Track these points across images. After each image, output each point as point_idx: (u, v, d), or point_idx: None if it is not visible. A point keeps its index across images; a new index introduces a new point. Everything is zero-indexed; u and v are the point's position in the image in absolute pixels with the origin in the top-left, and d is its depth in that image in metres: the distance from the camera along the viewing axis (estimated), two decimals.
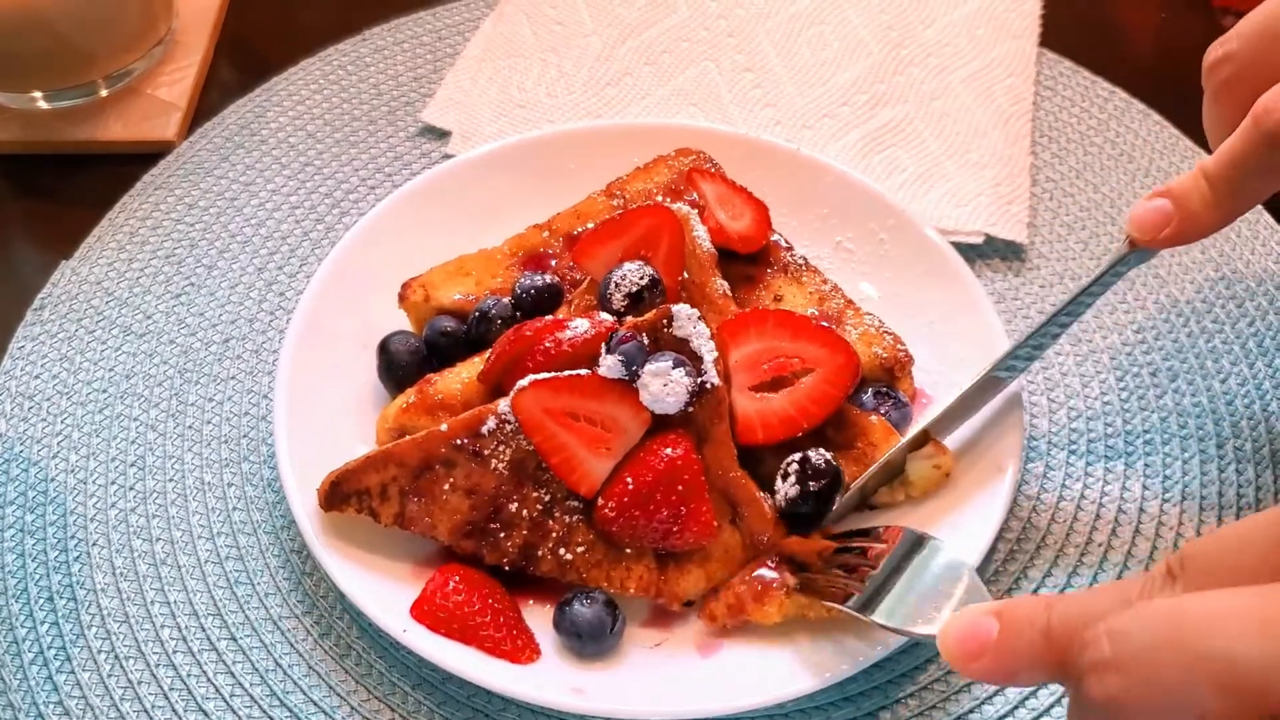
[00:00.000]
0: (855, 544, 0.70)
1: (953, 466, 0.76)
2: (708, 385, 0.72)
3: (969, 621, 0.53)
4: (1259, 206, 0.94)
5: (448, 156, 1.00)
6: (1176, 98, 1.01)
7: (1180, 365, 0.87)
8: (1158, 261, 0.92)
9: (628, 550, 0.72)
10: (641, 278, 0.75)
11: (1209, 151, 0.99)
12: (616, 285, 0.75)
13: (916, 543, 0.68)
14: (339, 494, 0.73)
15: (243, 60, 1.12)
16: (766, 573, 0.70)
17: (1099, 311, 0.90)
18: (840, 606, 0.66)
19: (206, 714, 0.73)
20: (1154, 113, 1.01)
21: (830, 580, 0.69)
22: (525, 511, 0.72)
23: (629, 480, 0.71)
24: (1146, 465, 0.82)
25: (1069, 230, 0.95)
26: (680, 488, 0.70)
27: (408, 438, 0.74)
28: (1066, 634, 0.49)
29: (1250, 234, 0.93)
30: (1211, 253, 0.92)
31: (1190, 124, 1.00)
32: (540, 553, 0.72)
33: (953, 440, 0.79)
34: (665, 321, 0.73)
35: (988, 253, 0.93)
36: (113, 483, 0.83)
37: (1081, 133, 1.01)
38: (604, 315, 0.76)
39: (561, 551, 0.72)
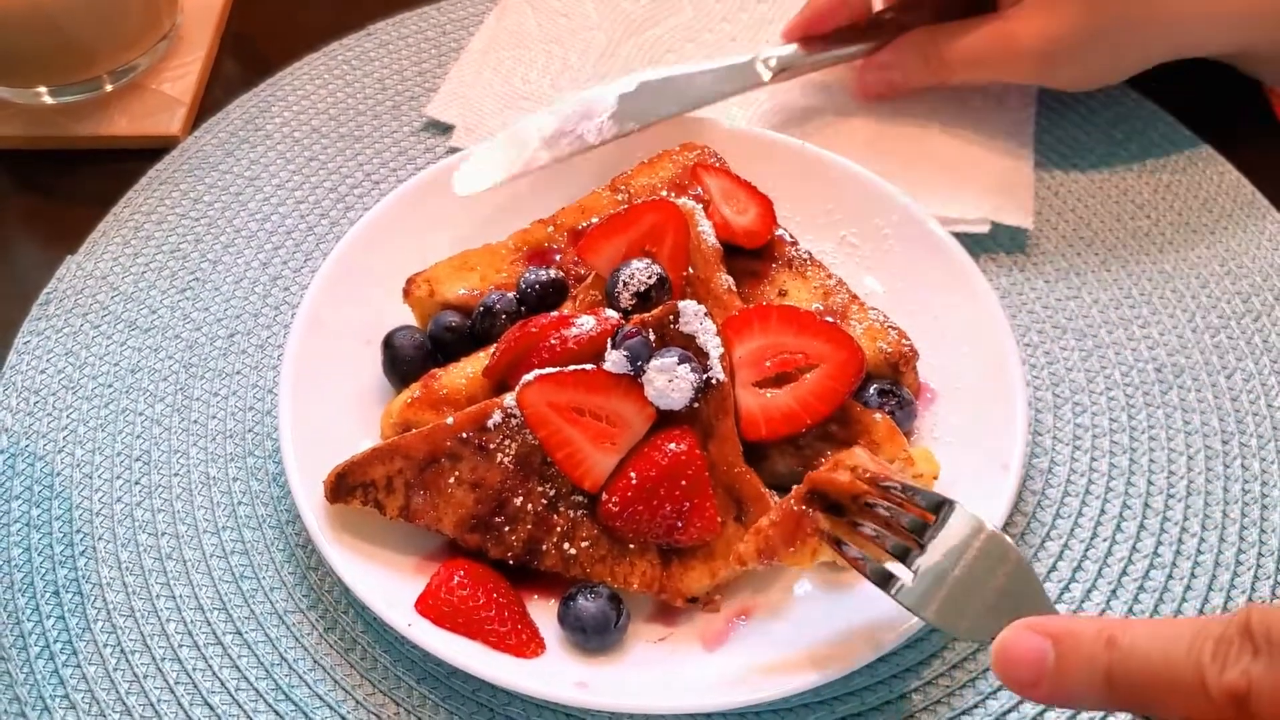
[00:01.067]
0: (892, 499, 0.64)
1: (938, 467, 0.75)
2: (713, 381, 0.72)
3: (1024, 645, 0.51)
4: (1266, 203, 0.94)
5: (452, 151, 1.00)
6: (1180, 93, 1.01)
7: (1185, 360, 0.86)
8: (1162, 257, 0.92)
9: (631, 546, 0.72)
10: (650, 277, 0.75)
11: (1209, 140, 0.99)
12: (624, 284, 0.75)
13: (939, 506, 0.63)
14: (345, 486, 0.73)
15: (247, 55, 1.12)
16: (797, 510, 0.66)
17: (1104, 307, 0.89)
18: (890, 596, 0.63)
19: (212, 708, 0.73)
20: (1160, 109, 1.01)
21: (861, 542, 0.64)
22: (530, 506, 0.72)
23: (633, 475, 0.71)
24: (1151, 461, 0.82)
25: (1073, 228, 0.94)
26: (684, 483, 0.70)
27: (414, 431, 0.74)
28: (1129, 688, 0.48)
29: (1256, 229, 0.93)
30: (1217, 248, 0.92)
31: (1195, 119, 1.00)
32: (544, 547, 0.72)
33: (957, 437, 0.79)
34: (672, 317, 0.73)
35: (992, 247, 0.93)
36: (118, 477, 0.83)
37: (1086, 130, 1.00)
38: (609, 311, 0.76)
39: (566, 546, 0.72)
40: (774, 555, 0.67)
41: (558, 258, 0.84)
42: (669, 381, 0.70)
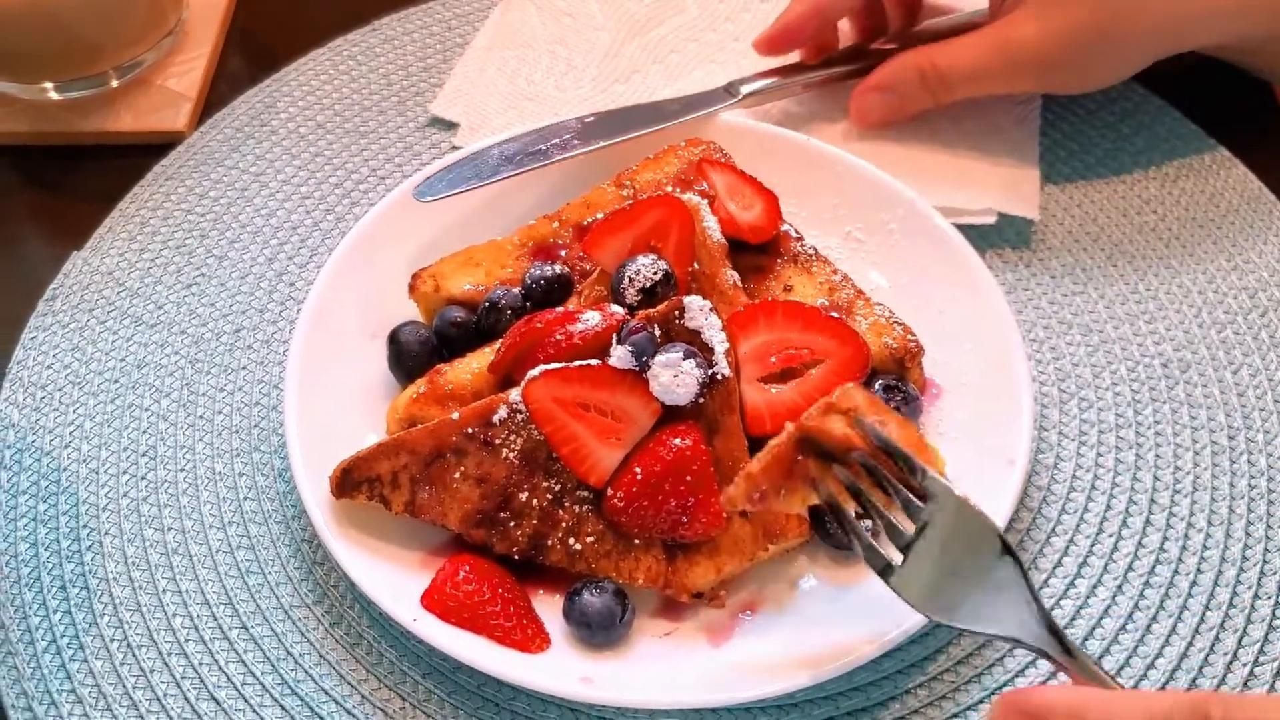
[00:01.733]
0: (883, 461, 0.63)
1: (943, 463, 0.75)
2: (718, 376, 0.72)
3: None
4: (1273, 198, 0.94)
5: (456, 147, 1.00)
6: (1187, 88, 1.00)
7: (1192, 356, 0.86)
8: (1169, 252, 0.92)
9: (637, 541, 0.72)
10: (655, 272, 0.75)
11: (1216, 136, 0.99)
12: (630, 280, 0.75)
13: (923, 474, 0.63)
14: (350, 481, 0.73)
15: (252, 51, 1.12)
16: (788, 457, 0.65)
17: (1110, 302, 0.89)
18: (885, 580, 0.63)
19: (218, 702, 0.73)
20: (1166, 104, 1.01)
21: (847, 499, 0.64)
22: (535, 501, 0.72)
23: (638, 471, 0.71)
24: (1157, 456, 0.82)
25: (1079, 223, 0.94)
26: (689, 478, 0.70)
27: (419, 426, 0.74)
28: None
29: (1263, 224, 0.93)
30: (1224, 243, 0.92)
31: (1202, 114, 0.99)
32: (550, 542, 0.72)
33: (963, 432, 0.79)
34: (677, 313, 0.73)
35: (998, 242, 0.93)
36: (124, 472, 0.83)
37: (1092, 125, 1.00)
38: (614, 307, 0.76)
39: (571, 541, 0.72)
40: (766, 500, 0.65)
41: (563, 253, 0.85)
42: (674, 377, 0.70)
